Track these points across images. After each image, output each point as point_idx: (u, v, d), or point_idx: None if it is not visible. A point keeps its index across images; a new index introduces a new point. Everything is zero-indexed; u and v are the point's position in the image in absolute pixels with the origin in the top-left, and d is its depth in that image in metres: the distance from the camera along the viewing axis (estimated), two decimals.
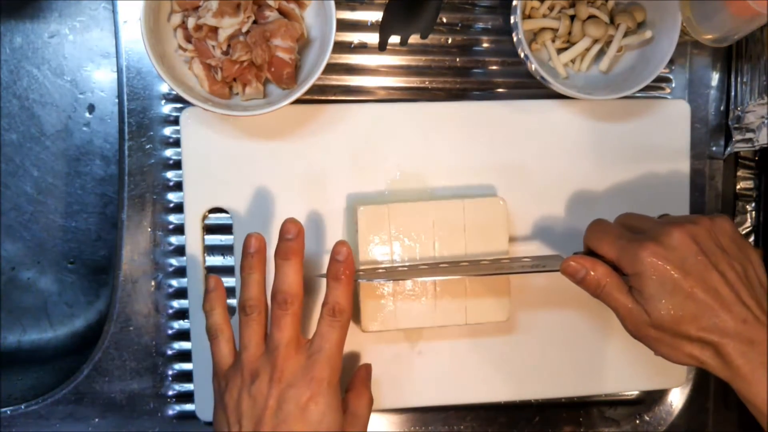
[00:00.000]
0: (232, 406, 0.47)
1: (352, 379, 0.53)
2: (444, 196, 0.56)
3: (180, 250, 0.56)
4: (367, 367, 0.54)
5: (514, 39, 0.55)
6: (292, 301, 0.47)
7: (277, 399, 0.46)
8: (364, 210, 0.53)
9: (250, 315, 0.48)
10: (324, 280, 0.50)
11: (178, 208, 0.56)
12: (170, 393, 0.57)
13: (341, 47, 0.57)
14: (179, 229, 0.56)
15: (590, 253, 0.48)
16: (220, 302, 0.51)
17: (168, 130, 0.56)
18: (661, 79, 0.61)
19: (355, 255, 0.54)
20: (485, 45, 0.59)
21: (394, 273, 0.51)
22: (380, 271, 0.52)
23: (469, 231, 0.53)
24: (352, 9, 0.58)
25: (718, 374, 0.45)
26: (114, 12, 0.55)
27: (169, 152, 0.56)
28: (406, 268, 0.52)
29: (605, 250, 0.47)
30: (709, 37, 0.53)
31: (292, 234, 0.49)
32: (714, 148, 0.62)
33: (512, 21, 0.54)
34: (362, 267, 0.53)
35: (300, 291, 0.48)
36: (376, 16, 0.58)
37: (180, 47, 0.52)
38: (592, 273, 0.47)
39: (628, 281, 0.46)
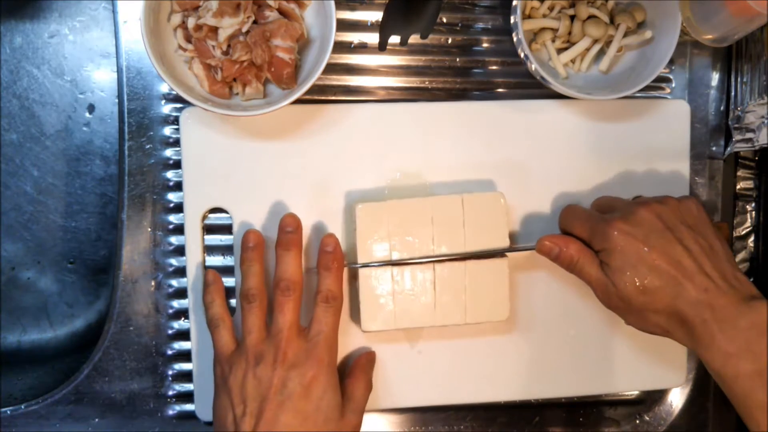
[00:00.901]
0: (237, 388, 0.49)
1: (352, 366, 0.54)
2: (443, 194, 0.56)
3: (180, 250, 0.56)
4: (369, 355, 0.56)
5: (514, 39, 0.55)
6: (294, 288, 0.50)
7: (281, 378, 0.48)
8: (362, 207, 0.53)
9: (252, 303, 0.51)
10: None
11: (178, 208, 0.56)
12: (170, 393, 0.57)
13: (341, 47, 0.57)
14: (179, 229, 0.56)
15: (564, 233, 0.52)
16: (219, 294, 0.53)
17: (168, 130, 0.56)
18: (661, 79, 0.61)
19: (354, 253, 0.54)
20: (485, 45, 0.59)
21: (387, 261, 0.52)
22: (374, 264, 0.53)
23: (469, 226, 0.53)
24: (352, 9, 0.58)
25: (683, 343, 0.47)
26: (114, 12, 0.55)
27: (169, 152, 0.56)
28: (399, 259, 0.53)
29: (578, 230, 0.51)
30: (709, 37, 0.53)
31: (291, 227, 0.52)
32: (714, 148, 0.62)
33: (512, 21, 0.54)
34: (361, 263, 0.53)
35: (300, 279, 0.51)
36: (376, 16, 0.58)
37: (180, 47, 0.52)
38: (565, 249, 0.50)
39: (599, 257, 0.49)
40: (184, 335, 0.57)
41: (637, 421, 0.63)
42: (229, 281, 0.56)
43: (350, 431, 0.50)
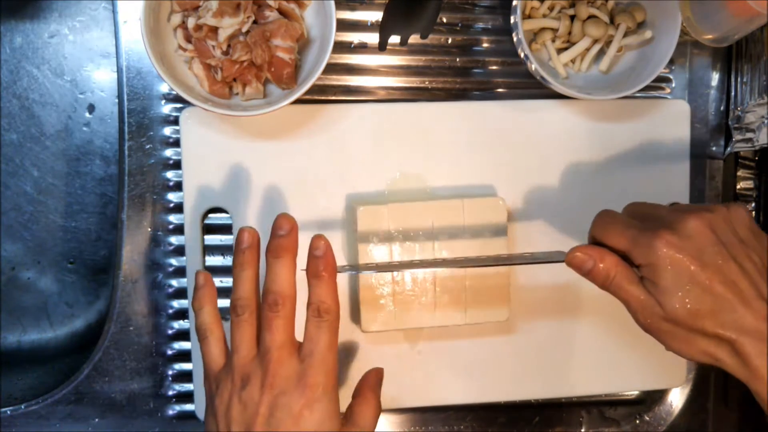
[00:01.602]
0: (222, 412, 0.44)
1: (359, 384, 0.49)
2: (444, 196, 0.56)
3: (180, 250, 0.56)
4: (378, 372, 0.50)
5: (514, 39, 0.55)
6: (284, 303, 0.45)
7: (268, 406, 0.43)
8: (363, 210, 0.53)
9: (241, 316, 0.46)
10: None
11: (178, 208, 0.56)
12: (170, 393, 0.57)
13: (341, 47, 0.57)
14: (179, 229, 0.56)
15: (597, 244, 0.46)
16: (210, 300, 0.48)
17: (168, 130, 0.56)
18: (661, 79, 0.61)
19: (354, 255, 0.54)
20: (485, 45, 0.59)
21: (385, 265, 0.51)
22: (371, 265, 0.51)
23: (469, 231, 0.53)
24: (352, 9, 0.58)
25: (734, 373, 0.42)
26: (114, 12, 0.55)
27: (169, 152, 0.56)
28: (398, 263, 0.52)
29: (615, 241, 0.44)
30: (709, 37, 0.53)
31: (284, 230, 0.46)
32: (714, 148, 0.62)
33: (512, 21, 0.54)
34: (362, 269, 0.53)
35: (292, 291, 0.45)
36: (376, 16, 0.58)
37: (180, 47, 0.52)
38: (601, 264, 0.44)
39: (638, 272, 0.44)
40: (184, 335, 0.57)
41: (637, 421, 0.63)
42: (229, 281, 0.56)
43: None
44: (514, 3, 0.53)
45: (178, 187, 0.56)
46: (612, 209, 0.47)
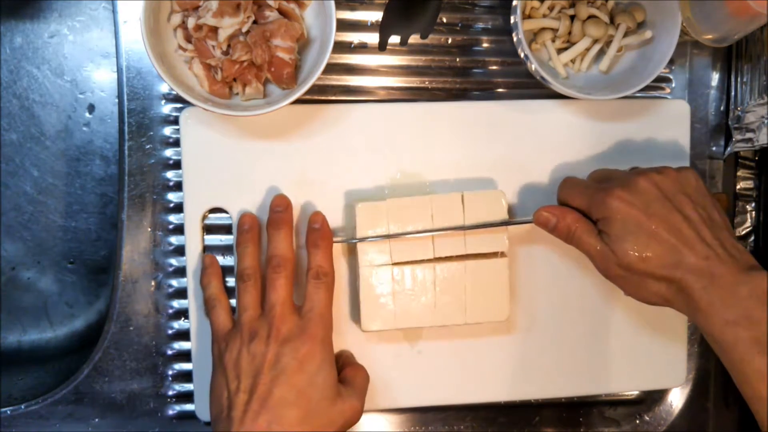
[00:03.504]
0: (231, 365, 0.49)
1: (340, 361, 0.55)
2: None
3: (180, 250, 0.56)
4: (348, 351, 0.56)
5: (514, 39, 0.55)
6: (285, 264, 0.51)
7: (275, 353, 0.48)
8: (362, 207, 0.53)
9: (247, 282, 0.51)
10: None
11: (178, 208, 0.56)
12: (170, 393, 0.57)
13: (341, 47, 0.57)
14: (179, 229, 0.56)
15: (563, 205, 0.52)
16: (216, 276, 0.54)
17: (168, 130, 0.56)
18: (661, 79, 0.61)
19: (354, 251, 0.54)
20: (485, 45, 0.59)
21: (381, 235, 0.53)
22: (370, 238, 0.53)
23: (469, 224, 0.53)
24: (352, 9, 0.58)
25: (681, 311, 0.48)
26: (114, 12, 0.55)
27: (169, 152, 0.56)
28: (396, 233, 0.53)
29: (577, 201, 0.51)
30: (709, 37, 0.53)
31: (281, 207, 0.53)
32: (714, 148, 0.62)
33: (512, 21, 0.54)
34: (361, 266, 0.53)
35: (292, 255, 0.51)
36: (376, 16, 0.58)
37: (180, 47, 0.52)
38: (562, 220, 0.50)
39: (597, 226, 0.49)
40: (184, 335, 0.57)
41: (637, 421, 0.63)
42: (229, 281, 0.56)
43: (351, 414, 0.50)
44: (514, 3, 0.53)
45: (178, 187, 0.56)
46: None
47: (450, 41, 0.59)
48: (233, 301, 0.54)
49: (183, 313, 0.57)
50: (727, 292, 0.45)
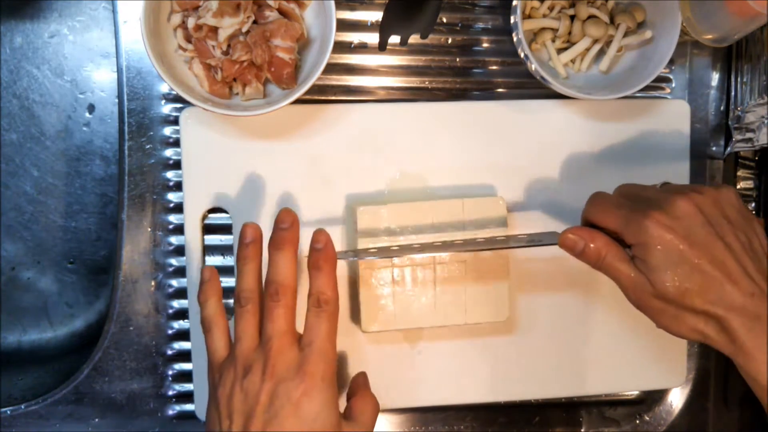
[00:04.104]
0: (225, 401, 0.45)
1: (352, 385, 0.51)
2: (444, 196, 0.56)
3: (180, 250, 0.56)
4: (363, 374, 0.52)
5: (514, 39, 0.55)
6: (285, 292, 0.46)
7: (269, 394, 0.44)
8: (363, 210, 0.53)
9: (244, 306, 0.47)
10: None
11: (178, 208, 0.56)
12: (170, 393, 0.57)
13: (341, 47, 0.57)
14: (179, 229, 0.56)
15: (590, 226, 0.47)
16: (215, 293, 0.49)
17: (168, 130, 0.56)
18: (661, 79, 0.61)
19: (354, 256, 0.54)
20: (485, 45, 0.59)
21: (386, 251, 0.51)
22: (372, 250, 0.51)
23: (469, 231, 0.53)
24: (352, 9, 0.58)
25: (721, 349, 0.44)
26: (114, 12, 0.55)
27: (169, 152, 0.56)
28: (398, 248, 0.51)
29: (607, 221, 0.46)
30: (709, 37, 0.53)
31: (286, 223, 0.47)
32: (714, 148, 0.62)
33: (512, 21, 0.54)
34: (362, 269, 0.53)
35: (293, 282, 0.47)
36: (376, 16, 0.58)
37: (180, 47, 0.52)
38: (592, 244, 0.45)
39: (629, 251, 0.45)
40: (184, 335, 0.57)
41: (637, 421, 0.63)
42: (228, 281, 0.56)
43: None
44: (514, 3, 0.53)
45: (178, 187, 0.56)
46: (604, 191, 0.48)
47: (450, 41, 0.59)
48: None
49: (183, 313, 0.57)
50: None
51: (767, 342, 0.41)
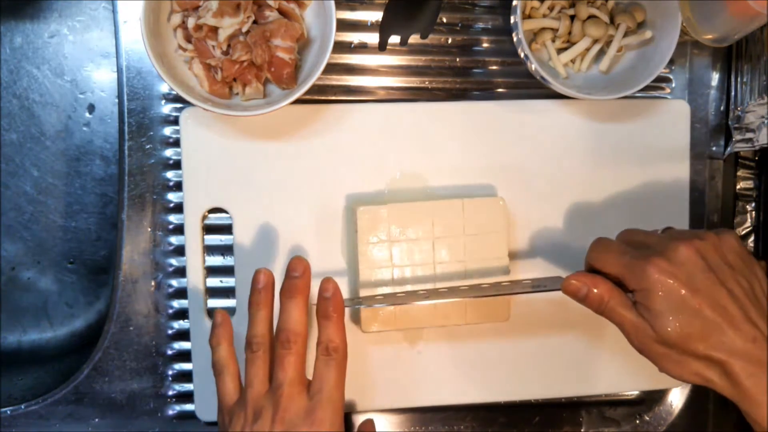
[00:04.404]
0: None
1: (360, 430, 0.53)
2: (444, 195, 0.56)
3: (180, 250, 0.56)
4: (371, 421, 0.54)
5: (514, 39, 0.55)
6: (296, 340, 0.48)
7: None
8: (363, 210, 0.53)
9: (256, 352, 0.48)
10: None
11: (178, 208, 0.56)
12: (170, 393, 0.57)
13: (341, 47, 0.57)
14: (179, 229, 0.56)
15: (592, 271, 0.48)
16: (227, 337, 0.50)
17: (168, 130, 0.56)
18: (661, 79, 0.61)
19: (353, 256, 0.54)
20: (485, 45, 0.59)
21: (393, 298, 0.52)
22: (378, 297, 0.52)
23: (469, 231, 0.53)
24: (352, 9, 0.58)
25: (724, 393, 0.44)
26: (114, 12, 0.55)
27: (169, 152, 0.56)
28: (404, 294, 0.52)
29: (610, 268, 0.47)
30: (709, 37, 0.53)
31: (298, 272, 0.49)
32: (714, 148, 0.62)
33: (512, 21, 0.54)
34: (362, 268, 0.53)
35: (304, 330, 0.48)
36: (376, 16, 0.58)
37: (180, 47, 0.52)
38: (595, 290, 0.46)
39: (632, 297, 0.45)
40: (184, 335, 0.57)
41: (637, 421, 0.63)
42: (229, 281, 0.56)
43: None
44: (514, 3, 0.53)
45: (178, 187, 0.56)
46: (607, 237, 0.49)
47: (450, 41, 0.59)
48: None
49: (183, 313, 0.57)
50: None
51: None
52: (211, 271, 0.56)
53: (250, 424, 0.46)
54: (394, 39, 0.57)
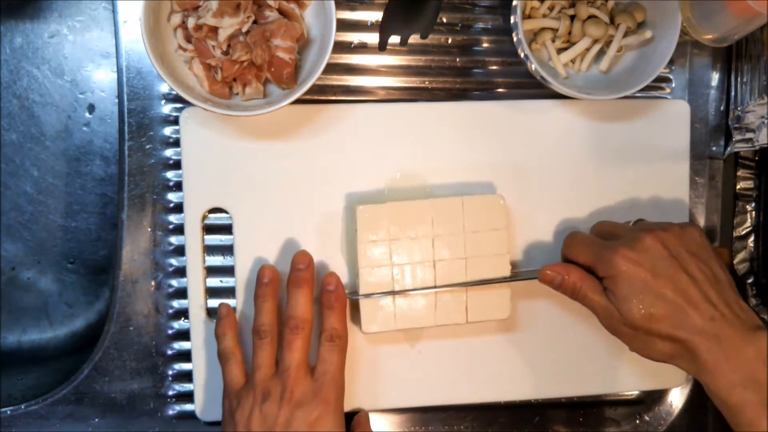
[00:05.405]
0: (243, 423, 0.49)
1: (353, 424, 0.55)
2: (444, 195, 0.56)
3: (180, 250, 0.56)
4: (365, 414, 0.57)
5: (514, 39, 0.55)
6: (303, 326, 0.51)
7: (287, 417, 0.48)
8: (362, 209, 0.53)
9: (263, 339, 0.51)
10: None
11: (178, 208, 0.56)
12: (170, 393, 0.57)
13: (341, 47, 0.57)
14: (179, 229, 0.56)
15: (568, 261, 0.52)
16: (231, 328, 0.53)
17: (168, 130, 0.56)
18: (661, 79, 0.61)
19: (353, 255, 0.54)
20: (485, 45, 0.59)
21: (387, 292, 0.53)
22: (375, 292, 0.53)
23: (469, 229, 0.53)
24: (352, 9, 0.58)
25: (686, 370, 0.47)
26: (114, 12, 0.55)
27: (169, 152, 0.56)
28: (399, 288, 0.53)
29: (581, 257, 0.51)
30: (709, 37, 0.53)
31: (303, 264, 0.53)
32: (714, 148, 0.62)
33: (512, 21, 0.54)
34: (362, 267, 0.53)
35: (310, 317, 0.52)
36: (376, 16, 0.58)
37: (180, 47, 0.52)
38: (567, 277, 0.50)
39: (602, 283, 0.49)
40: (184, 335, 0.57)
41: (637, 421, 0.63)
42: (229, 281, 0.56)
43: None
44: (514, 3, 0.53)
45: (178, 187, 0.56)
46: (581, 230, 0.54)
47: (450, 41, 0.59)
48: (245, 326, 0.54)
49: (183, 313, 0.57)
50: (733, 354, 0.45)
51: (725, 360, 0.45)
52: (211, 271, 0.56)
53: (259, 404, 0.49)
54: (394, 39, 0.57)
